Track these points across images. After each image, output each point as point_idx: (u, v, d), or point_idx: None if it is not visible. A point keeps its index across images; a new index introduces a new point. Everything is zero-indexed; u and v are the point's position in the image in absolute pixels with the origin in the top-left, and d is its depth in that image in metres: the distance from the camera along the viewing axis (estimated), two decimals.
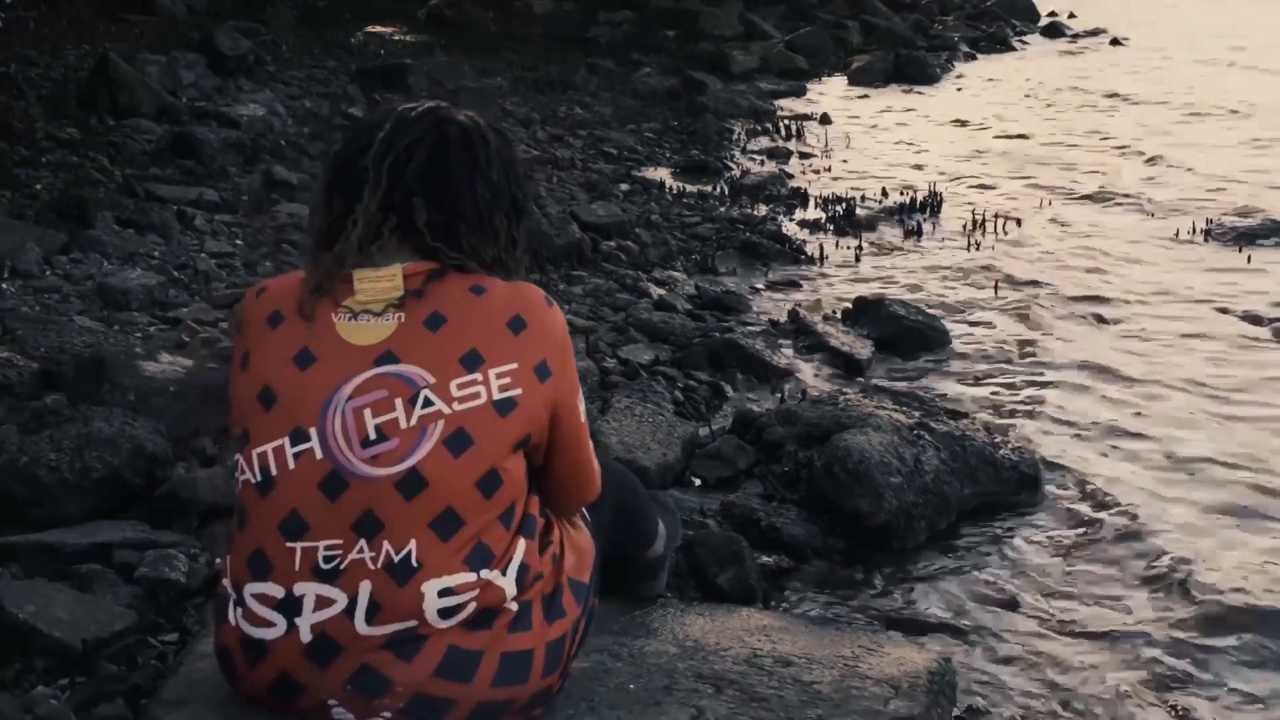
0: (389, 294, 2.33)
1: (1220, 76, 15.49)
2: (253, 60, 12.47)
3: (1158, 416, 5.53)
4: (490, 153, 2.47)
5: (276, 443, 2.31)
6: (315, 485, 2.27)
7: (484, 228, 2.44)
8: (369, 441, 2.27)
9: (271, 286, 2.48)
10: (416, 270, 2.36)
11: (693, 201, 9.38)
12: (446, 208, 2.40)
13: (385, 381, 2.29)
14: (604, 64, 15.46)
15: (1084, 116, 13.18)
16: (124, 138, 8.99)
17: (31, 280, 5.95)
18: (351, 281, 2.34)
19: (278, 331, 2.37)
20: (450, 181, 2.41)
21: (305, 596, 2.28)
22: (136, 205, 7.36)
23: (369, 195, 2.37)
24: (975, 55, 18.04)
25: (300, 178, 8.60)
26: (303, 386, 2.31)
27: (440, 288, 2.36)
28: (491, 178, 2.45)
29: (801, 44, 17.47)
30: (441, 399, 2.28)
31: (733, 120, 12.91)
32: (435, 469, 2.26)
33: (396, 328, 2.32)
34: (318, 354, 2.32)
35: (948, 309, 6.94)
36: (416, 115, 2.45)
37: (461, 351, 2.31)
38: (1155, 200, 9.65)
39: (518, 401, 2.31)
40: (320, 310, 2.35)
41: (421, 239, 2.39)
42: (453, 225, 2.40)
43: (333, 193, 2.46)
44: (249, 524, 2.34)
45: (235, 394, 2.41)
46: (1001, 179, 10.34)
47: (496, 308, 2.35)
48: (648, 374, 5.61)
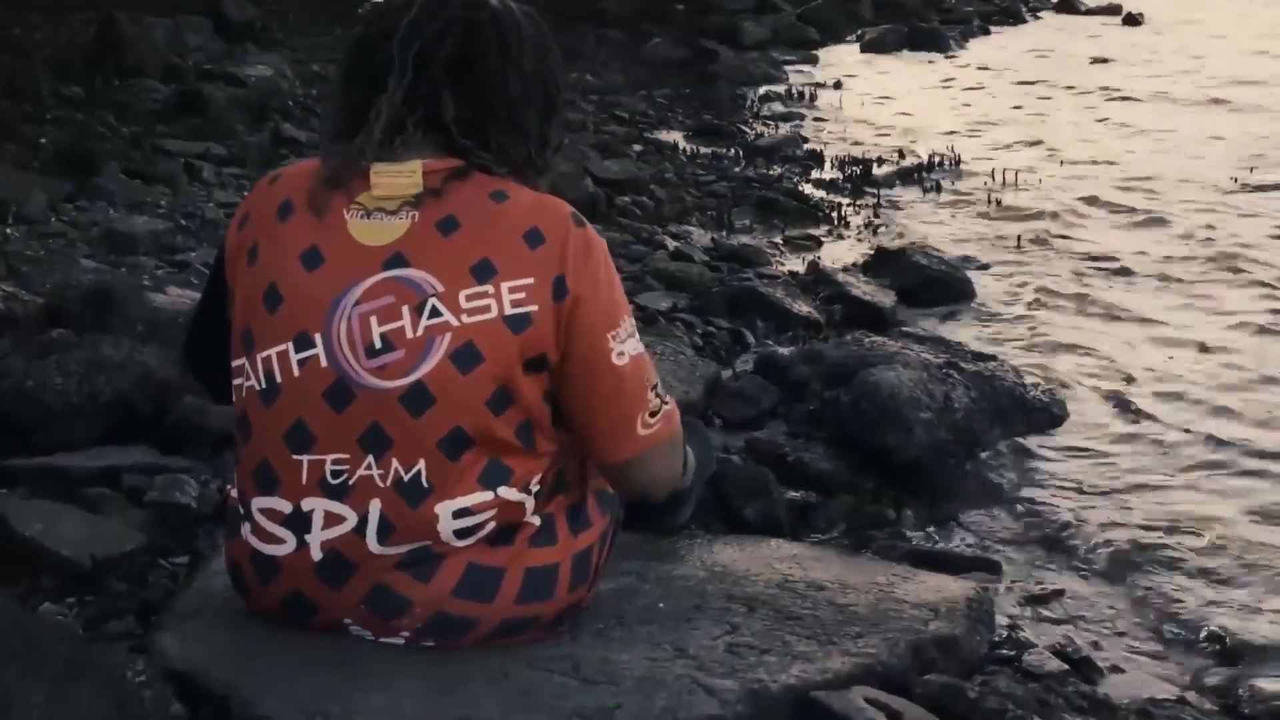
0: (406, 190, 2.18)
1: (1235, 52, 15.35)
2: (259, 26, 12.37)
3: (1187, 361, 5.42)
4: (523, 41, 2.30)
5: (280, 347, 2.18)
6: (320, 395, 2.14)
7: (515, 124, 2.28)
8: (374, 350, 2.13)
9: (286, 174, 2.33)
10: (437, 168, 2.20)
11: (707, 162, 9.26)
12: (475, 102, 2.24)
13: (392, 286, 2.14)
14: (613, 35, 15.34)
15: (1097, 83, 13.03)
16: (130, 97, 8.90)
17: (37, 226, 5.85)
18: (368, 176, 2.20)
19: (287, 225, 2.22)
20: (480, 74, 2.25)
21: (314, 512, 2.17)
22: (143, 157, 7.26)
23: (394, 85, 2.20)
24: (988, 29, 17.89)
25: (309, 135, 8.51)
26: (309, 288, 2.17)
27: (460, 189, 2.20)
28: (524, 69, 2.29)
29: (813, 16, 17.34)
30: (449, 309, 2.13)
31: (745, 87, 12.78)
32: (442, 384, 2.12)
33: (409, 228, 2.16)
34: (326, 254, 2.18)
35: (970, 262, 6.83)
36: (445, 1, 2.29)
37: (473, 260, 2.15)
38: (1181, 160, 9.51)
39: (532, 319, 2.15)
40: (333, 205, 2.20)
41: (448, 135, 2.23)
42: (481, 121, 2.24)
43: (352, 79, 2.31)
44: (254, 434, 2.22)
45: (240, 289, 2.26)
46: (1019, 142, 10.23)
47: (515, 217, 2.19)
48: (666, 320, 5.50)
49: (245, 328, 2.23)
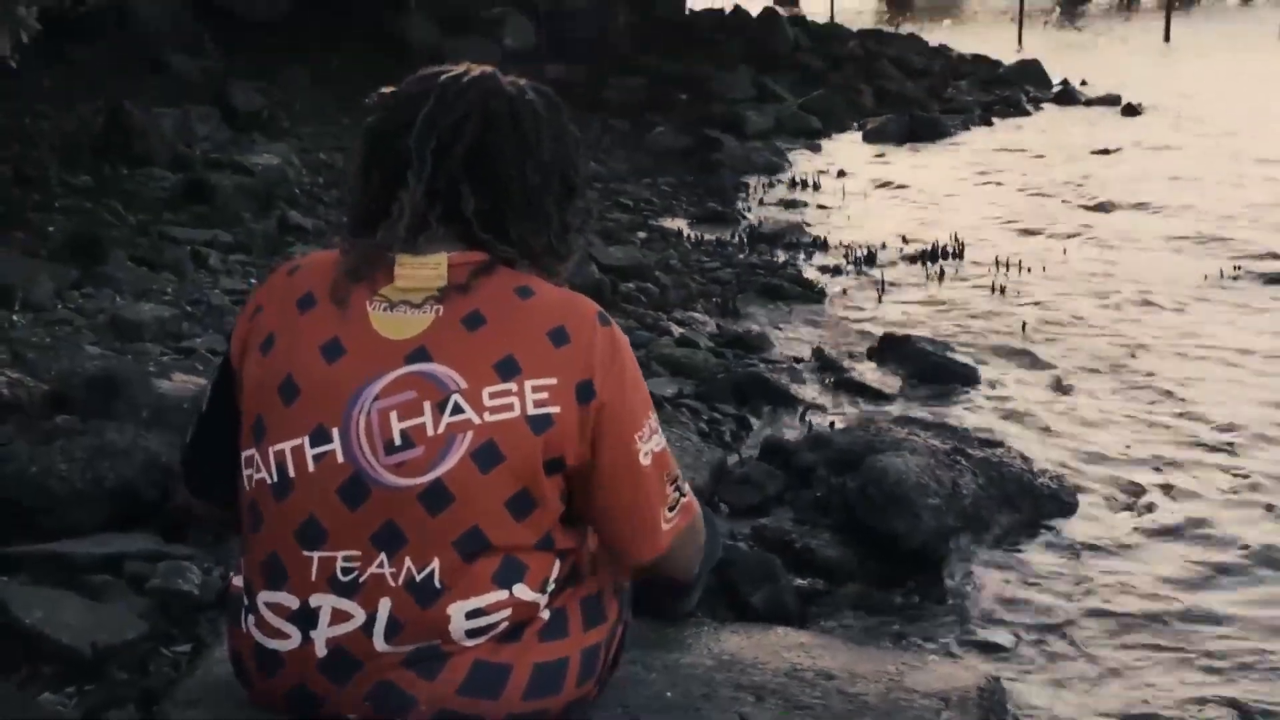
0: (431, 283, 2.15)
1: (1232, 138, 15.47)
2: (266, 115, 12.48)
3: (1195, 450, 5.39)
4: (540, 128, 2.29)
5: (296, 441, 2.14)
6: (335, 491, 2.10)
7: (534, 214, 2.25)
8: (394, 447, 2.10)
9: (305, 265, 2.31)
10: (463, 261, 2.18)
11: (711, 248, 9.30)
12: (494, 194, 2.22)
13: (414, 381, 2.11)
14: (618, 124, 15.47)
15: (1099, 173, 13.10)
16: (138, 185, 8.95)
17: (44, 313, 5.86)
18: (391, 268, 2.18)
19: (307, 316, 2.19)
20: (497, 166, 2.22)
21: (321, 609, 2.12)
22: (150, 244, 7.29)
23: (414, 182, 2.18)
24: (990, 119, 18.01)
25: (315, 223, 8.56)
26: (329, 381, 2.14)
27: (485, 284, 2.17)
28: (542, 159, 2.26)
29: (815, 106, 17.47)
30: (472, 406, 2.09)
31: (749, 175, 12.86)
32: (462, 483, 2.08)
33: (433, 322, 2.13)
34: (348, 346, 2.15)
35: (975, 348, 6.82)
36: (460, 88, 2.26)
37: (497, 357, 2.12)
38: (1180, 246, 9.56)
39: (554, 420, 2.11)
40: (355, 296, 2.17)
41: (469, 227, 2.22)
42: (500, 213, 2.22)
43: (370, 170, 2.29)
44: (264, 527, 2.17)
45: (251, 379, 2.23)
46: (1021, 230, 10.26)
47: (541, 315, 2.16)
48: (671, 406, 5.48)
49: (257, 418, 2.20)
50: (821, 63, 21.05)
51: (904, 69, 21.26)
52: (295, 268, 2.29)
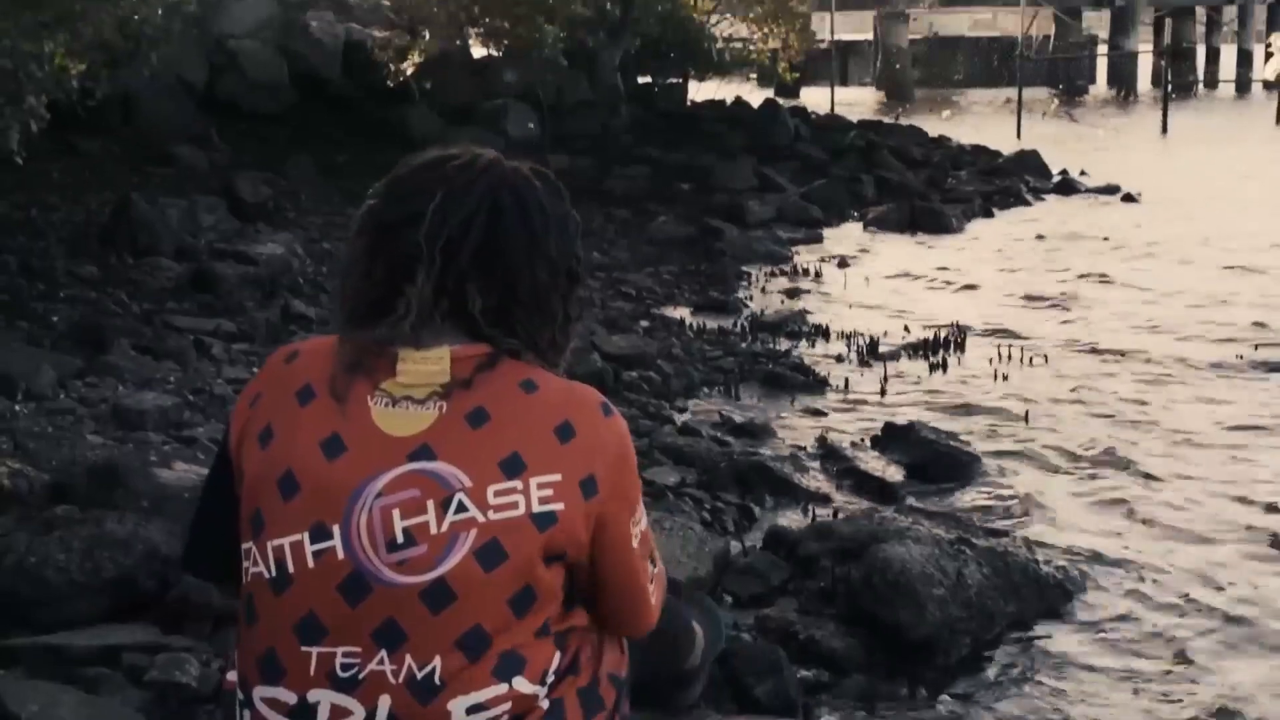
0: (434, 379, 2.13)
1: (1234, 225, 15.55)
2: (272, 206, 12.57)
3: (1201, 537, 5.36)
4: (547, 221, 2.27)
5: (295, 537, 2.11)
6: (335, 587, 2.08)
7: (540, 309, 2.23)
8: (396, 545, 2.07)
9: (304, 353, 2.28)
10: (466, 355, 2.16)
11: (714, 337, 9.31)
12: (501, 292, 2.20)
13: (418, 479, 2.09)
14: (620, 213, 15.57)
15: (1101, 265, 13.15)
16: (143, 275, 8.99)
17: (45, 402, 5.86)
18: (393, 361, 2.16)
19: (307, 410, 2.17)
20: (506, 264, 2.20)
21: (320, 705, 2.09)
22: (154, 334, 7.31)
23: (423, 280, 2.17)
24: (990, 209, 18.11)
25: (318, 312, 8.58)
26: (329, 478, 2.12)
27: (489, 378, 2.16)
28: (550, 254, 2.25)
29: (817, 196, 17.57)
30: (476, 505, 2.07)
31: (751, 264, 12.91)
32: (464, 581, 2.05)
33: (436, 419, 2.11)
34: (349, 442, 2.13)
35: (978, 436, 6.81)
36: (468, 180, 2.24)
37: (503, 454, 2.10)
38: (1181, 332, 9.58)
39: (558, 516, 2.10)
40: (355, 391, 2.14)
41: (474, 322, 2.21)
42: (507, 309, 2.21)
43: (375, 260, 2.26)
44: (260, 622, 2.14)
45: (249, 470, 2.20)
46: (1024, 320, 10.28)
47: (546, 410, 2.14)
48: (674, 495, 5.46)
49: (255, 511, 2.17)
50: (822, 153, 21.23)
51: (904, 159, 21.42)
52: (293, 354, 2.27)
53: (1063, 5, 56.38)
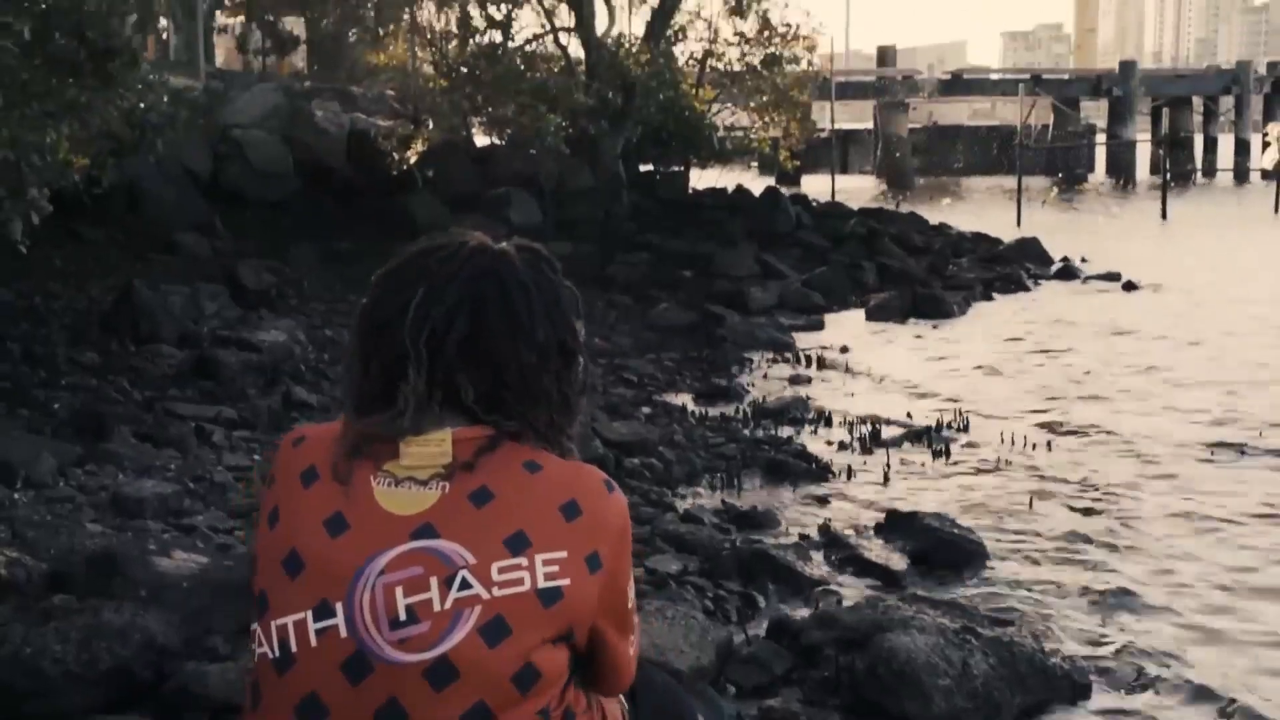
0: (436, 460, 2.13)
1: (1235, 311, 15.59)
2: (275, 293, 12.61)
3: (1207, 627, 5.31)
4: (532, 305, 2.28)
5: (298, 616, 2.11)
6: (337, 666, 2.06)
7: (531, 393, 2.24)
8: (398, 623, 2.06)
9: (310, 437, 2.29)
10: (467, 437, 2.17)
11: (716, 424, 9.30)
12: (491, 380, 2.22)
13: (421, 557, 2.09)
14: (622, 300, 15.61)
15: (1103, 351, 13.17)
16: (145, 362, 9.00)
17: (45, 490, 5.83)
18: (395, 443, 2.16)
19: (311, 491, 2.18)
20: (492, 352, 2.22)
21: None
22: (155, 421, 7.30)
23: (414, 376, 2.18)
24: (991, 295, 18.18)
25: (320, 399, 8.57)
26: (333, 556, 2.12)
27: (491, 460, 2.16)
28: (537, 339, 2.26)
29: (818, 282, 17.64)
30: (480, 582, 2.07)
31: (753, 351, 12.92)
32: (468, 658, 2.04)
33: (439, 498, 2.11)
34: (352, 521, 2.13)
35: (982, 524, 6.76)
36: (449, 273, 2.26)
37: (507, 532, 2.10)
38: (1182, 419, 9.56)
39: (564, 592, 2.09)
40: (358, 473, 2.15)
41: (470, 411, 2.22)
42: (499, 395, 2.22)
43: (369, 358, 2.29)
44: (263, 703, 2.13)
45: (260, 551, 2.21)
46: (1025, 406, 10.25)
47: (550, 489, 2.15)
48: (676, 584, 5.42)
49: (262, 592, 2.17)
50: (823, 240, 21.34)
51: (905, 246, 21.53)
52: (300, 439, 2.28)
53: (1060, 95, 56.97)
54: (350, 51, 29.76)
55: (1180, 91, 60.04)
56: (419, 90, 23.20)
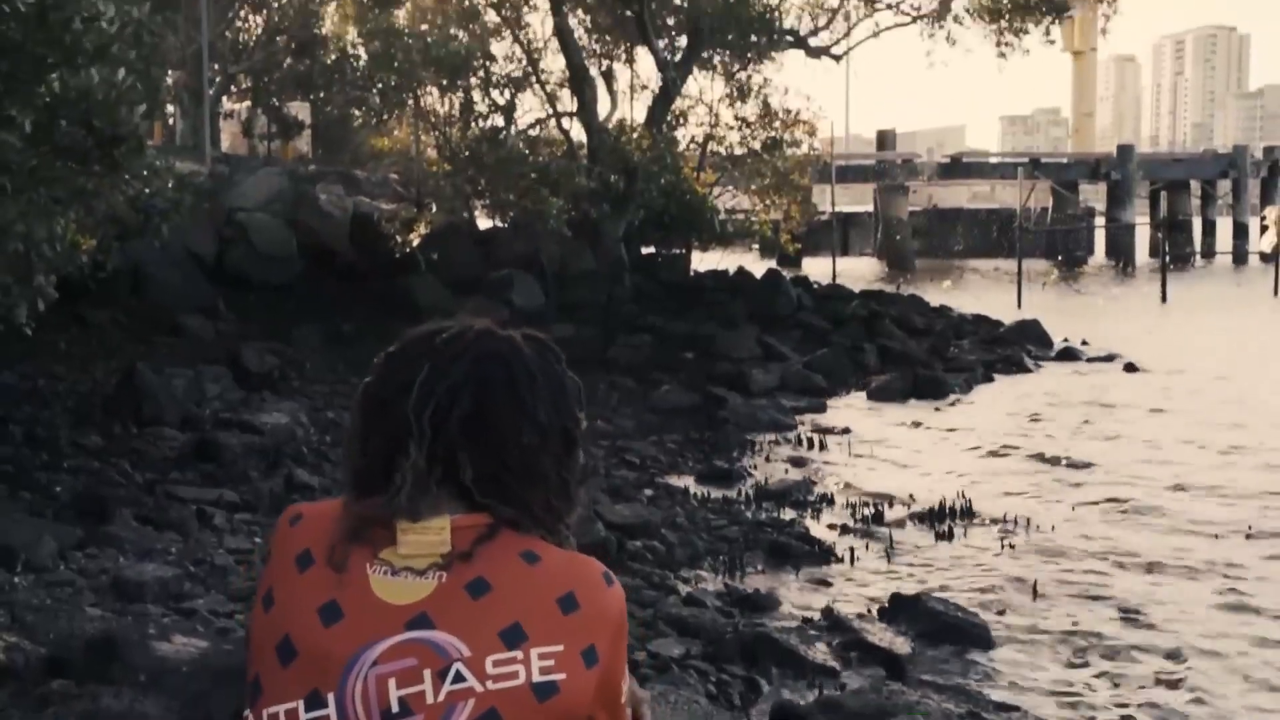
0: (434, 549, 2.13)
1: (1236, 392, 15.61)
2: (277, 375, 12.63)
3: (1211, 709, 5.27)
4: (536, 388, 2.30)
5: (290, 705, 2.09)
6: None
7: (531, 476, 2.25)
8: (390, 715, 2.04)
9: (308, 516, 2.29)
10: (465, 525, 2.17)
11: (718, 506, 9.28)
12: (492, 461, 2.23)
13: (415, 649, 2.08)
14: (624, 382, 15.63)
15: (1104, 432, 13.17)
16: (147, 444, 9.00)
17: (45, 574, 5.81)
18: (393, 529, 2.17)
19: (306, 576, 2.17)
20: (494, 432, 2.24)
21: None
22: (156, 504, 7.29)
23: (414, 452, 2.20)
24: (992, 377, 18.20)
25: (321, 481, 8.56)
26: (326, 645, 2.11)
27: (489, 550, 2.16)
28: (539, 421, 2.27)
29: (820, 364, 17.66)
30: (475, 675, 2.06)
31: (755, 433, 12.91)
32: None
33: (435, 589, 2.11)
34: (346, 609, 2.12)
35: (986, 607, 6.73)
36: (455, 353, 2.28)
37: (503, 624, 2.10)
38: (1186, 502, 9.53)
39: (560, 686, 2.08)
40: (355, 560, 2.15)
41: (469, 491, 2.22)
42: (498, 477, 2.23)
43: (370, 435, 2.30)
44: None
45: (254, 632, 2.20)
46: (1028, 486, 10.24)
47: (548, 581, 2.14)
48: (678, 668, 5.38)
49: (255, 677, 2.15)
50: (825, 322, 21.39)
51: (906, 328, 21.58)
52: (297, 517, 2.27)
53: (1059, 178, 57.39)
54: (354, 136, 30.02)
55: (1178, 175, 60.49)
56: (422, 174, 23.39)
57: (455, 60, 22.24)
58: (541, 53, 24.28)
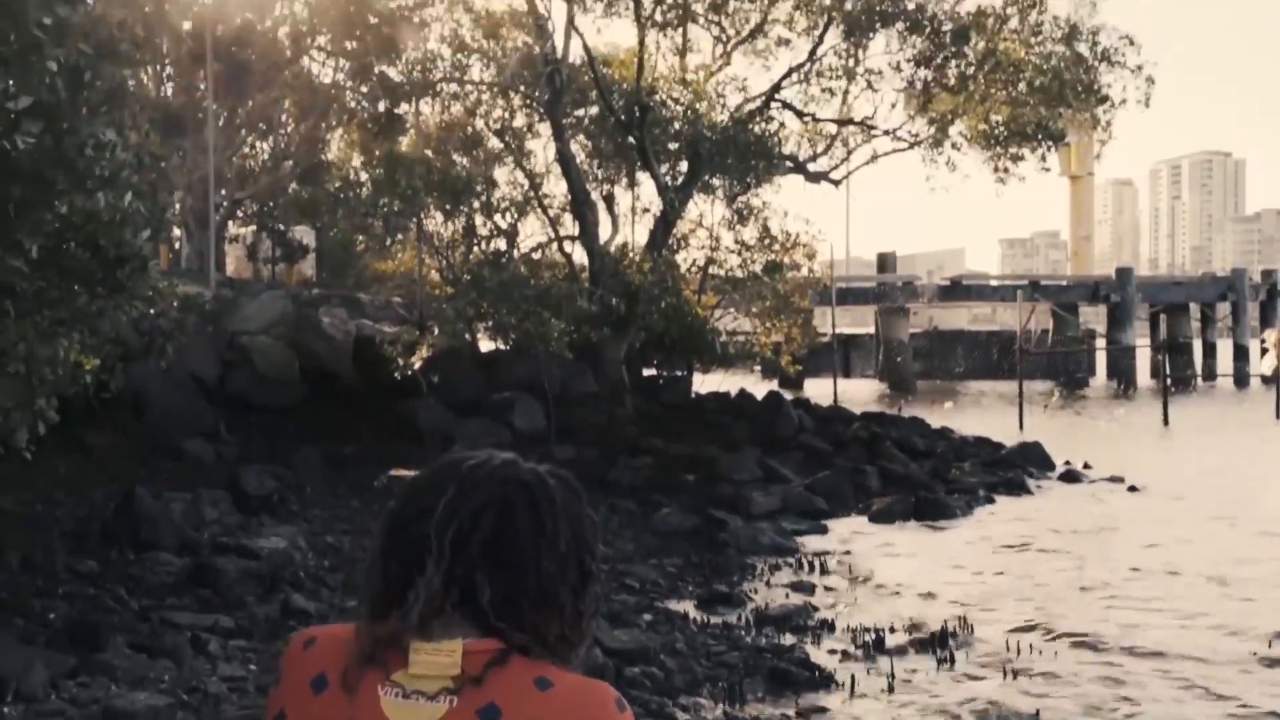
0: (445, 671, 2.13)
1: (1240, 516, 15.54)
2: (277, 499, 12.60)
3: None
4: (558, 517, 2.31)
5: None
6: None
7: (548, 604, 2.26)
8: None
9: (322, 639, 2.29)
10: (478, 650, 2.17)
11: (718, 631, 9.20)
12: (510, 584, 2.24)
13: None
14: (625, 504, 15.58)
15: (1105, 553, 13.10)
16: (143, 570, 8.96)
17: (36, 704, 5.75)
18: (406, 652, 2.17)
19: (320, 698, 2.17)
20: (514, 555, 2.25)
21: None
22: (150, 630, 7.23)
23: (432, 569, 2.20)
24: (994, 499, 18.15)
25: (318, 607, 8.50)
26: None
27: (501, 675, 2.16)
28: (559, 549, 2.28)
29: (821, 487, 17.60)
30: None
31: (756, 556, 12.84)
32: None
33: (446, 713, 2.11)
34: None
35: None
36: (481, 477, 2.30)
37: None
38: (1194, 629, 9.45)
39: None
40: (367, 682, 2.16)
41: (483, 615, 2.23)
42: (515, 601, 2.24)
43: (390, 556, 2.31)
44: None
45: None
46: (1031, 611, 10.16)
47: (560, 707, 2.14)
48: None
49: None
50: (826, 444, 21.37)
51: (907, 450, 21.56)
52: (311, 640, 2.28)
53: (1059, 300, 57.69)
54: (358, 259, 30.31)
55: (1177, 298, 60.80)
56: (425, 297, 23.56)
57: (458, 185, 22.55)
58: (543, 178, 24.65)
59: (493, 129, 24.63)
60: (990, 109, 25.35)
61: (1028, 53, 24.71)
